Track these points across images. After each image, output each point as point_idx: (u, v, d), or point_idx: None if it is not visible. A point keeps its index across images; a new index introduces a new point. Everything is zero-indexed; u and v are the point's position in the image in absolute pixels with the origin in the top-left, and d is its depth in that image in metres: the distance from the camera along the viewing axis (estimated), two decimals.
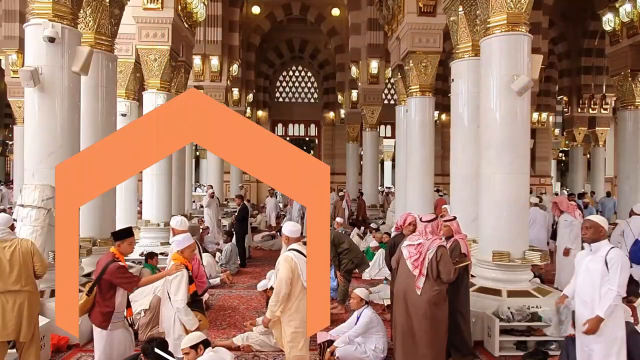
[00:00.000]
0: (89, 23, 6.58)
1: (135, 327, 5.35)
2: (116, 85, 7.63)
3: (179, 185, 10.76)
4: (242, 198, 10.77)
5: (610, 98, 17.03)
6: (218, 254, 9.56)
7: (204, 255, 8.43)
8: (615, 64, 10.66)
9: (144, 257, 7.24)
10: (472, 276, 6.05)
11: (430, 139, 9.46)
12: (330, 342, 4.84)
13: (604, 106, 17.52)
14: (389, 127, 22.54)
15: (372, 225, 11.65)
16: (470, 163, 6.61)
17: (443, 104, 17.87)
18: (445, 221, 4.71)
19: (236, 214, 10.40)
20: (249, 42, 20.06)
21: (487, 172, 5.77)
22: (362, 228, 12.44)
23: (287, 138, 36.09)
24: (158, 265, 7.29)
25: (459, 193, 7.03)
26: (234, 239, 9.71)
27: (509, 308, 5.19)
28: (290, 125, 25.27)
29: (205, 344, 3.66)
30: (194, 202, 18.22)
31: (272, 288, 5.37)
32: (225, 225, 12.35)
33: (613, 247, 3.69)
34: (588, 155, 19.47)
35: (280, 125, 24.96)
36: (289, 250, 4.22)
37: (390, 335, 4.89)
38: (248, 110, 20.84)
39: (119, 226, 7.90)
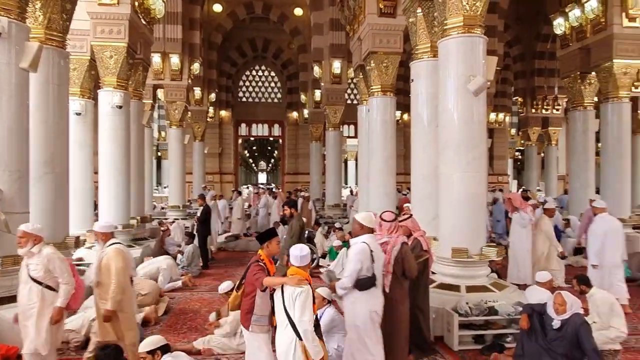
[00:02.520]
0: (39, 18, 6.31)
1: (91, 334, 5.16)
2: (69, 83, 7.34)
3: (138, 186, 10.46)
4: (205, 198, 10.58)
5: (562, 99, 17.79)
6: (179, 256, 9.36)
7: (164, 257, 8.27)
8: (565, 66, 11.14)
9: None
10: (433, 273, 6.18)
11: (391, 139, 9.58)
12: None
13: (556, 107, 18.30)
14: (352, 126, 22.75)
15: (336, 224, 11.71)
16: (431, 162, 6.73)
17: (405, 104, 18.15)
18: (400, 221, 4.76)
19: (198, 214, 10.21)
20: (210, 41, 19.76)
21: (446, 171, 5.90)
22: (326, 227, 12.48)
23: (251, 138, 36.06)
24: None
25: (420, 192, 7.16)
26: (195, 241, 9.52)
27: (467, 303, 5.32)
28: (254, 125, 25.10)
29: (164, 349, 3.57)
30: (154, 203, 17.84)
31: (232, 290, 5.31)
32: (188, 227, 12.11)
33: None
34: (542, 154, 20.28)
35: (243, 125, 24.74)
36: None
37: None
38: (211, 109, 20.54)
39: (73, 230, 7.68)
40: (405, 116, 20.05)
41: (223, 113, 22.47)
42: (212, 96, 19.90)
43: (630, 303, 6.67)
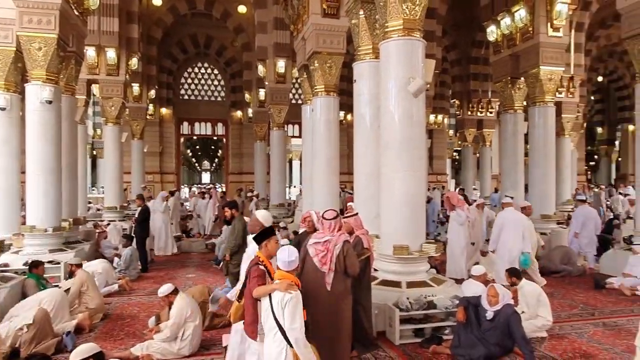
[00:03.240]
0: None
1: (17, 344, 4.82)
2: None
3: (70, 186, 9.89)
4: (143, 199, 10.19)
5: (495, 102, 18.79)
6: (116, 259, 8.96)
7: (99, 261, 7.88)
8: (497, 71, 11.76)
9: (27, 267, 6.56)
10: (375, 270, 6.32)
11: (335, 138, 9.69)
12: None
13: (490, 110, 19.31)
14: (296, 126, 22.78)
15: (281, 224, 11.68)
16: (373, 162, 6.87)
17: (348, 105, 18.43)
18: (345, 217, 4.84)
19: (136, 215, 9.81)
20: (149, 35, 19.05)
21: (387, 171, 6.04)
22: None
23: (194, 137, 35.15)
24: (46, 275, 6.67)
25: (363, 191, 7.29)
26: (134, 243, 9.15)
27: (407, 298, 5.49)
28: (197, 124, 24.48)
29: (97, 357, 3.40)
30: (90, 204, 16.93)
31: (173, 292, 5.15)
32: (126, 229, 11.62)
33: None
34: (477, 155, 21.28)
35: (185, 124, 24.06)
36: None
37: None
38: (151, 107, 19.80)
39: None
40: (349, 116, 20.34)
41: (164, 111, 21.74)
42: (152, 93, 19.17)
43: (555, 292, 7.17)
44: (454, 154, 30.84)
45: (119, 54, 13.49)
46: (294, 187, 27.22)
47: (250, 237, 4.22)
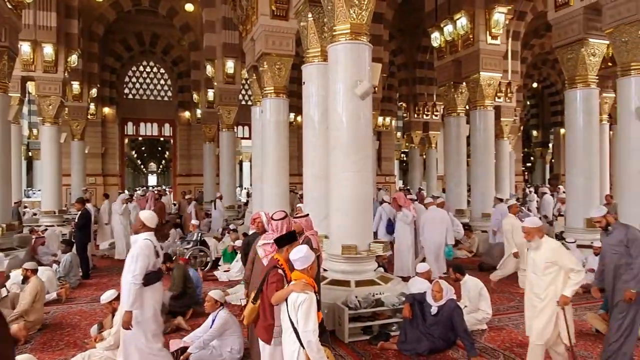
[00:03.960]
0: None
1: None
2: None
3: (4, 189, 9.29)
4: (84, 202, 9.73)
5: (440, 106, 19.52)
6: (55, 265, 8.50)
7: (43, 268, 7.43)
8: (441, 76, 12.23)
9: None
10: (325, 270, 6.40)
11: (285, 140, 9.70)
12: (184, 349, 4.66)
13: (435, 113, 20.05)
14: (247, 127, 22.55)
15: (231, 226, 11.55)
16: (321, 163, 6.95)
17: (298, 106, 18.47)
18: (295, 217, 4.88)
19: (76, 220, 9.36)
20: (91, 31, 18.26)
21: (335, 171, 6.13)
22: (220, 229, 12.24)
23: (139, 138, 33.94)
24: None
25: (312, 192, 7.35)
26: (74, 249, 8.72)
27: (356, 297, 5.59)
28: (142, 124, 23.63)
29: None
30: (25, 208, 15.97)
31: (117, 298, 4.97)
32: (66, 234, 11.05)
33: None
34: (424, 156, 22.00)
35: (130, 124, 23.18)
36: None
37: (247, 334, 4.90)
38: (92, 106, 18.95)
39: None
40: (299, 118, 20.40)
41: (107, 110, 20.87)
42: (94, 92, 18.37)
43: (495, 287, 7.55)
44: (402, 155, 31.69)
45: (57, 50, 12.84)
46: (245, 188, 26.94)
47: (134, 237, 4.23)
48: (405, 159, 32.10)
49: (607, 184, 13.26)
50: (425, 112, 20.10)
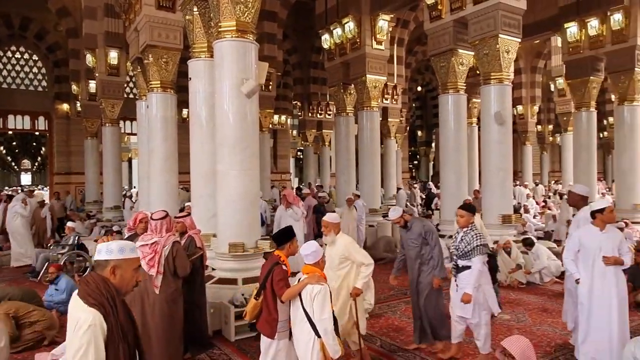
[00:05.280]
0: None
1: None
2: None
3: None
4: None
5: (332, 105, 20.15)
6: None
7: None
8: (331, 77, 12.68)
9: None
10: (213, 269, 6.33)
11: (173, 136, 9.31)
12: None
13: (328, 112, 20.67)
14: (135, 122, 21.24)
15: (114, 228, 10.85)
16: (209, 160, 6.84)
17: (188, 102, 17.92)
18: (177, 217, 4.76)
19: None
20: None
21: (222, 169, 6.09)
22: (103, 231, 11.42)
23: (9, 132, 30.18)
24: None
25: (200, 190, 7.21)
26: None
27: (242, 294, 5.61)
28: (11, 117, 21.04)
29: None
30: None
31: None
32: None
33: None
34: (318, 154, 22.59)
35: None
36: None
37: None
38: None
39: None
40: None
41: None
42: None
43: (377, 277, 8.03)
44: (298, 153, 32.20)
45: None
46: (134, 187, 25.36)
47: None
48: (300, 156, 32.68)
49: (477, 181, 14.75)
50: (319, 112, 20.65)
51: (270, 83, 14.05)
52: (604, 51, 10.86)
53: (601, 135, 25.23)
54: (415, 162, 37.95)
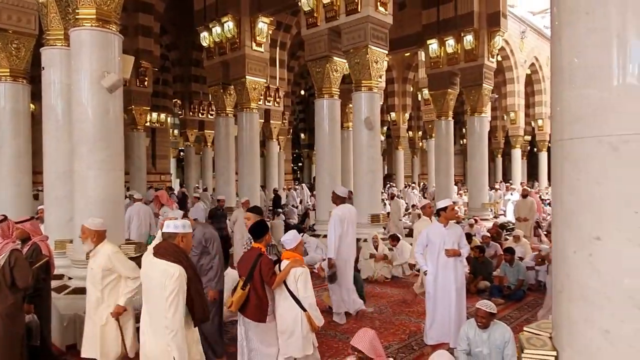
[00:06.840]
0: None
1: None
2: None
3: None
4: None
5: (214, 105, 19.75)
6: None
7: None
8: (211, 76, 12.42)
9: None
10: (70, 278, 5.82)
11: (26, 132, 8.33)
12: None
13: (210, 112, 20.16)
14: None
15: None
16: (65, 159, 6.26)
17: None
18: (16, 222, 4.27)
19: None
20: None
21: (81, 168, 5.61)
22: None
23: None
24: None
25: (55, 191, 6.54)
26: None
27: None
28: None
29: None
30: None
31: None
32: None
33: None
34: (200, 154, 21.95)
35: None
36: None
37: None
38: None
39: None
40: None
41: None
42: None
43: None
44: (180, 153, 30.90)
45: None
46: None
47: None
48: (182, 156, 31.44)
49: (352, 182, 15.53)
50: (201, 111, 20.07)
51: (146, 78, 13.30)
52: (459, 67, 12.21)
53: (461, 142, 28.31)
54: (300, 164, 38.76)
